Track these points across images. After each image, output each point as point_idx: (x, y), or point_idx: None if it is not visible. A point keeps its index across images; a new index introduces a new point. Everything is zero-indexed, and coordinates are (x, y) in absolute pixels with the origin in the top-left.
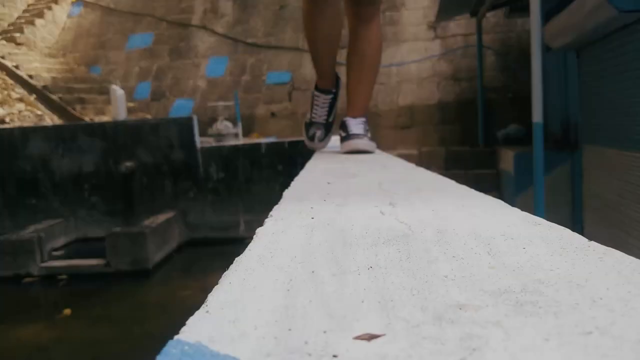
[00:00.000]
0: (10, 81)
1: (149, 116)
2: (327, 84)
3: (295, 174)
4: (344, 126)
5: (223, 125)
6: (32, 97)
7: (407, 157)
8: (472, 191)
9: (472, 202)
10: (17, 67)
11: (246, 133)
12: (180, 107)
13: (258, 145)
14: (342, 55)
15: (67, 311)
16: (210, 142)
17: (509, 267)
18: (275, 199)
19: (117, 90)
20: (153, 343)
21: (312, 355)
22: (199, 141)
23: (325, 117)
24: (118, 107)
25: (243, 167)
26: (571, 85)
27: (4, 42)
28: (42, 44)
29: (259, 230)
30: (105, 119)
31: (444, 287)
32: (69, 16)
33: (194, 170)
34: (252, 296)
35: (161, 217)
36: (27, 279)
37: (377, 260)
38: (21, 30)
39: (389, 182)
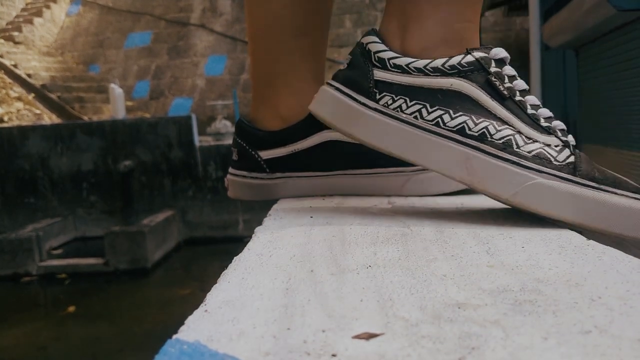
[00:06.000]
0: (8, 80)
1: (147, 115)
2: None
3: None
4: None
5: (222, 124)
6: (31, 96)
7: None
8: (471, 189)
9: (471, 200)
10: (15, 66)
11: None
12: (179, 105)
13: None
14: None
15: (72, 308)
16: (209, 140)
17: (508, 266)
18: None
19: (116, 89)
20: (152, 342)
21: (310, 354)
22: (198, 140)
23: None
24: (117, 105)
25: None
26: (570, 84)
27: (2, 40)
28: (40, 43)
29: (257, 229)
30: (104, 117)
31: (443, 286)
32: (68, 15)
33: (192, 169)
34: (251, 295)
35: (160, 216)
36: (26, 278)
37: (376, 260)
38: (19, 29)
39: None
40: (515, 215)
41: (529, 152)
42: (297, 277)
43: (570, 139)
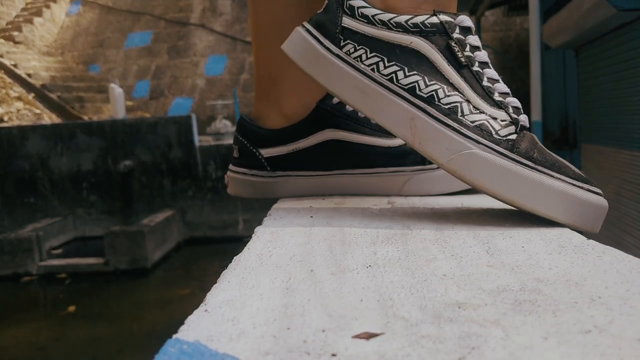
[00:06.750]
0: (8, 80)
1: (147, 115)
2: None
3: None
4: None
5: (222, 124)
6: (31, 96)
7: None
8: (471, 189)
9: (471, 200)
10: (15, 65)
11: None
12: (178, 105)
13: None
14: None
15: (72, 308)
16: (209, 140)
17: (508, 265)
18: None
19: (116, 89)
20: (152, 342)
21: (310, 354)
22: (198, 140)
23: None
24: (117, 105)
25: None
26: (570, 83)
27: (2, 40)
28: (40, 43)
29: (257, 229)
30: (103, 117)
31: (443, 285)
32: (68, 15)
33: (192, 168)
34: (251, 295)
35: (160, 216)
36: (26, 278)
37: (376, 259)
38: (19, 29)
39: None
40: (515, 215)
41: (472, 122)
42: (297, 277)
43: (523, 119)
